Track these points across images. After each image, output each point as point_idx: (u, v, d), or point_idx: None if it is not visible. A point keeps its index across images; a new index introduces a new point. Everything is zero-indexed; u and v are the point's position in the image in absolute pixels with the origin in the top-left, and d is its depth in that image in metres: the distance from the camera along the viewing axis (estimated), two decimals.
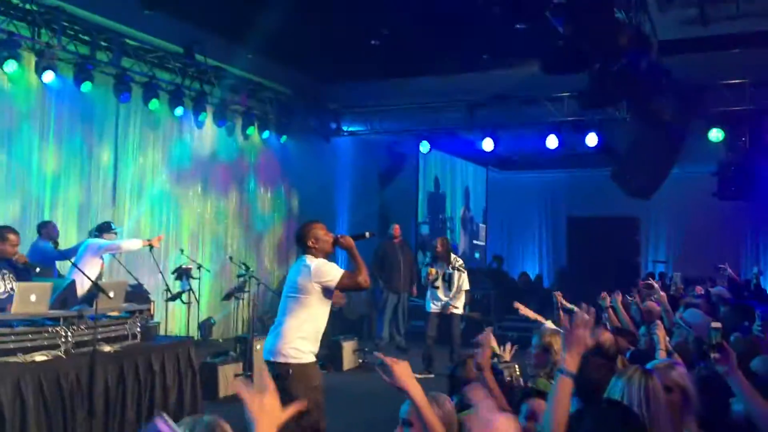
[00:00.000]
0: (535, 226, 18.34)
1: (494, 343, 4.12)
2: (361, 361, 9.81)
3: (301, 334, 4.42)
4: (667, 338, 4.31)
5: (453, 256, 9.32)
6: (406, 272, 10.84)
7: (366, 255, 12.17)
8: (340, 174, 13.96)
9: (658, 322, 4.37)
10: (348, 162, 14.03)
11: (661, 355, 4.04)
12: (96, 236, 7.51)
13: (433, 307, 9.17)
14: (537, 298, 13.04)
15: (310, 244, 4.58)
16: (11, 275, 5.77)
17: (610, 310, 5.90)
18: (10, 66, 7.72)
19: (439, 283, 9.14)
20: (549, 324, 4.69)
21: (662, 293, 6.04)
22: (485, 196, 18.67)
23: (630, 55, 8.34)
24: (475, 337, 3.64)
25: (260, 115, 11.72)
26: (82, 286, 6.40)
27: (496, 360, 4.06)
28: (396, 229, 11.07)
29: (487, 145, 12.28)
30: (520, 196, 18.13)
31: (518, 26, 8.75)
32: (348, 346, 9.60)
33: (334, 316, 12.24)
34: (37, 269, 6.26)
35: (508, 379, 4.05)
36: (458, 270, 9.11)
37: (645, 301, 6.76)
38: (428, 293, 9.30)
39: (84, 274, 6.11)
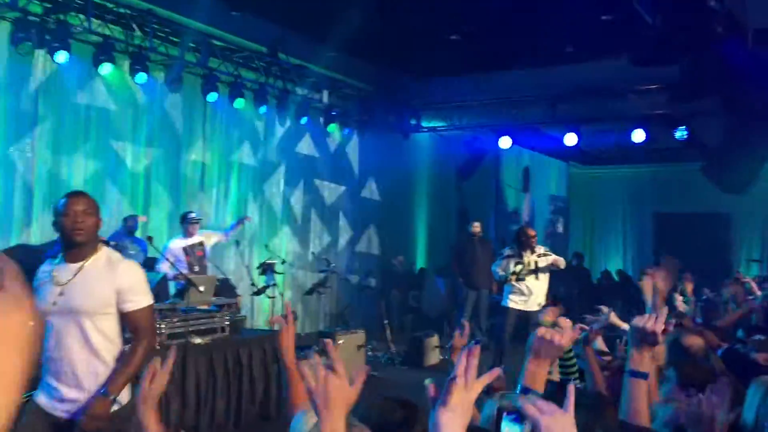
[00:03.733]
0: (618, 223, 17.83)
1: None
2: (441, 357, 9.80)
3: None
4: None
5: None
6: (485, 269, 10.67)
7: (444, 252, 12.19)
8: (418, 170, 13.96)
9: None
10: (426, 158, 14.01)
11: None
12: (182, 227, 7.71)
13: (512, 304, 7.94)
14: (620, 297, 12.69)
15: None
16: None
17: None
18: (106, 68, 8.06)
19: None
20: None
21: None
22: (566, 192, 18.29)
23: (723, 45, 8.01)
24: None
25: (341, 111, 11.85)
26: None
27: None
28: (476, 226, 10.96)
29: (570, 139, 12.03)
30: (603, 191, 17.67)
31: (604, 17, 8.53)
32: (429, 343, 9.60)
33: (415, 312, 12.43)
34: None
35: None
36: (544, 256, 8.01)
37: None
38: (508, 288, 8.03)
39: (179, 271, 6.36)
